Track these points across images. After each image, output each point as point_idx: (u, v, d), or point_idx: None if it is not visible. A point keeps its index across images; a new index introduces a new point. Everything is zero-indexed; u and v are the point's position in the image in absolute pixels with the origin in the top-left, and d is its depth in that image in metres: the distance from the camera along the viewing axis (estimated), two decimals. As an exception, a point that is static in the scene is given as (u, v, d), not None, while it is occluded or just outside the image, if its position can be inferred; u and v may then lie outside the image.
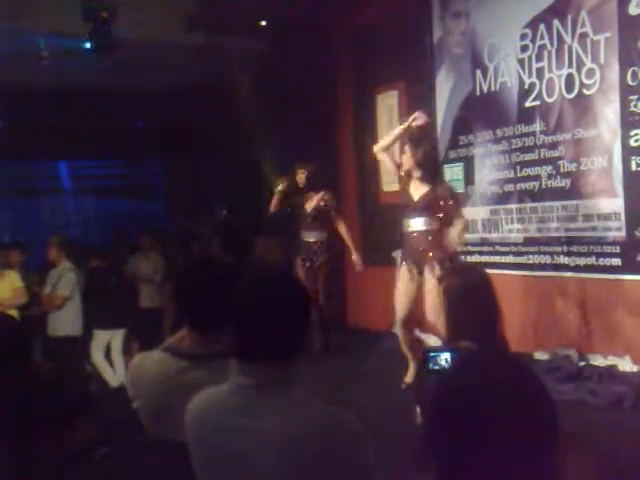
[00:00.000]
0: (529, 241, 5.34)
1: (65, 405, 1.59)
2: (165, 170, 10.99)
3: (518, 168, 5.40)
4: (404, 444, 1.88)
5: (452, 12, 5.97)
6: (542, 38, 5.12)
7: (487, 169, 5.68)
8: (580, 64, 4.87)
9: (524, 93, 5.31)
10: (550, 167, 5.13)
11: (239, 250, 7.24)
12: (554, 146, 5.10)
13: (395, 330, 4.88)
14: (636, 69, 4.47)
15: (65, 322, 5.70)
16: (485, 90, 5.67)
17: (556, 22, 5.01)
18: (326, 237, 5.89)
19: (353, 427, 1.41)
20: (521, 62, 5.30)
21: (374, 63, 6.78)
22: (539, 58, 5.16)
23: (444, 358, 1.81)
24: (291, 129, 7.08)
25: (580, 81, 4.88)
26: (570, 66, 4.94)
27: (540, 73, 5.17)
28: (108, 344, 5.83)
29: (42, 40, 6.36)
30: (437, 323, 4.30)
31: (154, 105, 8.46)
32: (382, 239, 6.23)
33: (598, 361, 4.65)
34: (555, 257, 5.14)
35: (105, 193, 10.75)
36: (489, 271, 2.83)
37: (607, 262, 4.75)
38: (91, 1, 5.87)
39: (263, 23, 7.08)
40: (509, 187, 5.49)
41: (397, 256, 4.98)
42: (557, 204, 5.10)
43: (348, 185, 7.33)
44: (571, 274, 5.02)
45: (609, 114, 4.69)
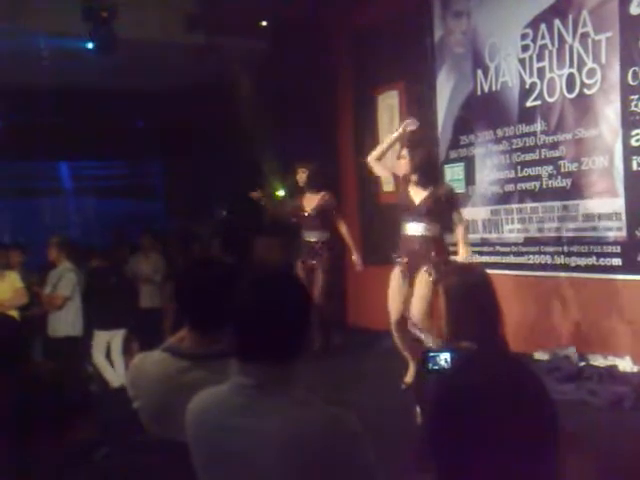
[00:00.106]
0: (529, 241, 5.34)
1: (65, 405, 1.58)
2: (165, 170, 11.00)
3: (519, 168, 5.39)
4: (404, 444, 1.88)
5: (453, 12, 5.97)
6: (543, 38, 5.12)
7: (488, 169, 5.68)
8: (581, 64, 4.86)
9: (525, 93, 5.30)
10: (551, 167, 5.13)
11: (239, 250, 7.24)
12: (555, 146, 5.10)
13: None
14: (637, 69, 4.47)
15: (65, 322, 5.70)
16: (486, 90, 5.67)
17: (557, 22, 5.01)
18: (328, 237, 5.89)
19: (353, 427, 1.41)
20: (522, 62, 5.30)
21: (374, 63, 6.78)
22: (540, 58, 5.16)
23: (444, 358, 1.81)
24: (291, 129, 7.07)
25: (581, 81, 4.87)
26: (571, 66, 4.94)
27: (541, 73, 5.17)
28: (108, 344, 5.83)
29: (42, 40, 6.36)
30: (423, 325, 4.35)
31: (154, 105, 8.46)
32: (382, 239, 6.22)
33: (598, 361, 4.64)
34: (556, 257, 5.14)
35: (105, 193, 10.75)
36: (489, 271, 2.83)
37: (608, 262, 4.75)
38: (91, 1, 5.87)
39: (263, 23, 7.08)
40: (510, 187, 5.48)
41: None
42: (558, 204, 5.10)
43: (348, 185, 7.32)
44: (572, 274, 5.02)
45: (610, 114, 4.69)
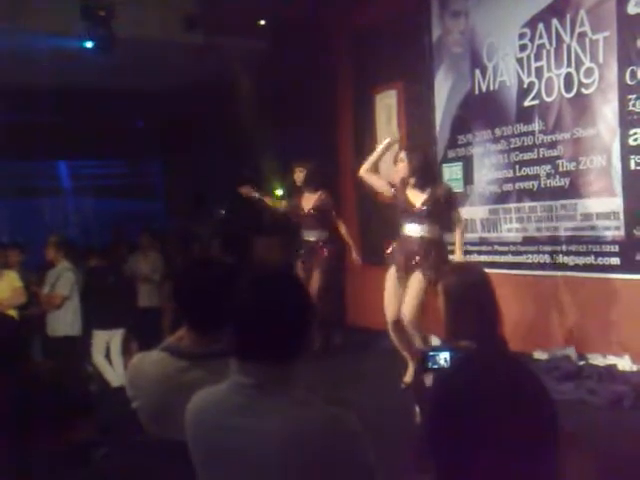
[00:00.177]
0: (528, 240, 5.34)
1: (65, 405, 1.59)
2: (164, 169, 10.99)
3: (517, 167, 5.39)
4: (404, 444, 1.88)
5: (451, 11, 5.97)
6: (541, 37, 5.12)
7: (486, 168, 5.68)
8: (579, 63, 4.87)
9: (523, 92, 5.31)
10: (549, 166, 5.13)
11: (239, 250, 7.23)
12: (553, 145, 5.10)
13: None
14: (635, 68, 4.47)
15: (64, 322, 5.70)
16: (484, 89, 5.67)
17: (555, 21, 5.01)
18: (327, 236, 5.88)
19: (353, 427, 1.41)
20: (520, 61, 5.30)
21: (373, 63, 6.78)
22: (538, 57, 5.16)
23: (443, 357, 1.82)
24: (290, 128, 7.07)
25: (579, 80, 4.88)
26: (569, 65, 4.94)
27: (539, 72, 5.17)
28: (108, 344, 5.83)
29: (42, 40, 6.35)
30: (412, 325, 4.36)
31: (153, 104, 8.46)
32: (381, 238, 6.22)
33: (597, 360, 4.64)
34: (554, 256, 5.14)
35: (104, 192, 10.75)
36: (488, 270, 2.83)
37: (606, 261, 4.75)
38: (89, 0, 5.87)
39: (262, 23, 7.08)
40: (508, 186, 5.49)
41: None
42: (556, 203, 5.10)
43: (347, 184, 7.32)
44: (570, 273, 5.02)
45: (608, 113, 4.69)
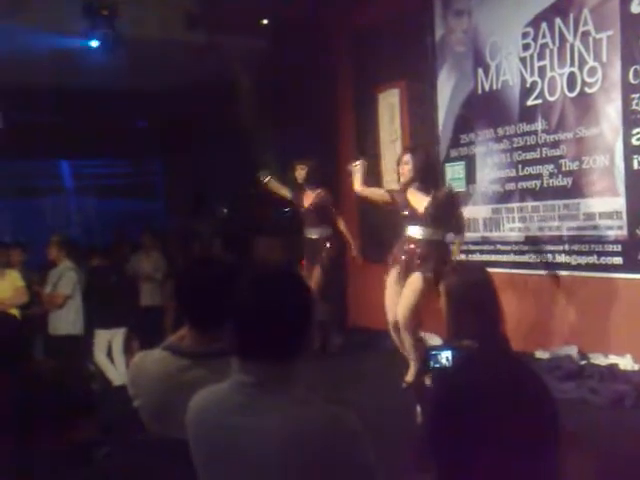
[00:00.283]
0: (530, 240, 5.33)
1: (67, 404, 1.58)
2: (166, 168, 11.00)
3: (520, 167, 5.39)
4: (404, 443, 1.88)
5: (454, 10, 5.96)
6: (544, 36, 5.11)
7: (488, 168, 5.67)
8: (582, 62, 4.85)
9: (526, 92, 5.29)
10: (552, 166, 5.12)
11: (240, 249, 7.24)
12: (556, 145, 5.09)
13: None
14: (638, 67, 4.46)
15: (66, 321, 5.71)
16: (487, 89, 5.66)
17: (558, 20, 5.00)
18: (329, 234, 5.86)
19: (353, 426, 1.41)
20: (523, 60, 5.29)
21: (375, 62, 6.76)
22: (541, 56, 5.15)
23: (445, 356, 1.82)
24: (291, 128, 7.07)
25: (582, 80, 4.86)
26: (572, 64, 4.93)
27: (542, 71, 5.16)
28: (109, 343, 5.83)
29: (43, 39, 6.35)
30: (405, 323, 4.38)
31: (154, 104, 8.46)
32: (382, 237, 6.22)
33: (599, 360, 4.64)
34: (556, 256, 5.13)
35: (106, 192, 10.76)
36: (490, 270, 2.83)
37: (608, 261, 4.74)
38: (92, -1, 5.87)
39: (264, 22, 7.07)
40: (510, 186, 5.48)
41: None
42: (559, 203, 5.09)
43: (348, 184, 7.30)
44: (572, 273, 5.02)
45: (611, 113, 4.68)
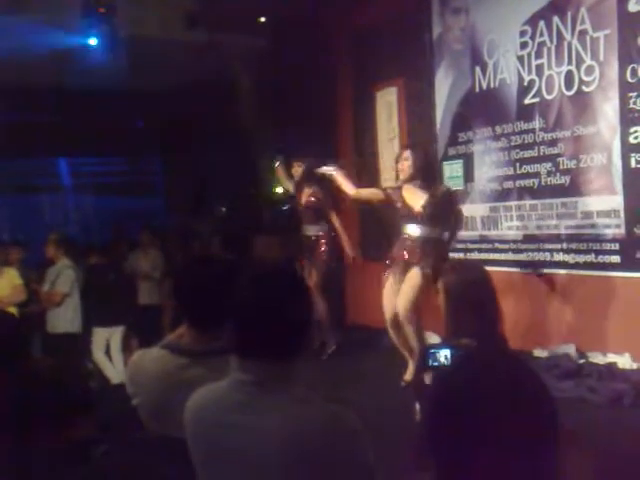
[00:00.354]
0: (528, 238, 5.34)
1: (65, 402, 1.58)
2: (164, 167, 10.99)
3: (517, 165, 5.39)
4: (404, 442, 1.88)
5: (452, 8, 5.96)
6: (542, 35, 5.11)
7: (486, 166, 5.68)
8: (579, 61, 4.86)
9: (523, 90, 5.30)
10: (549, 164, 5.13)
11: (239, 247, 7.23)
12: (553, 143, 5.09)
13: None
14: (635, 66, 4.46)
15: (64, 319, 5.70)
16: (484, 87, 5.66)
17: (556, 19, 5.00)
18: (327, 229, 5.83)
19: (353, 425, 1.41)
20: (520, 59, 5.29)
21: (373, 60, 6.76)
22: (538, 55, 5.15)
23: (443, 355, 1.82)
24: (290, 127, 7.06)
25: (579, 78, 4.87)
26: (569, 63, 4.93)
27: (539, 70, 5.16)
28: (108, 341, 5.83)
29: (43, 37, 6.34)
30: (405, 318, 4.38)
31: (154, 103, 8.45)
32: (381, 236, 6.23)
33: (597, 358, 4.64)
34: (554, 254, 5.14)
35: (105, 190, 10.75)
36: (488, 268, 2.83)
37: (606, 259, 4.75)
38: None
39: (261, 19, 7.06)
40: (508, 184, 5.48)
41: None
42: (556, 201, 5.09)
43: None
44: (570, 271, 5.02)
45: (608, 111, 4.68)
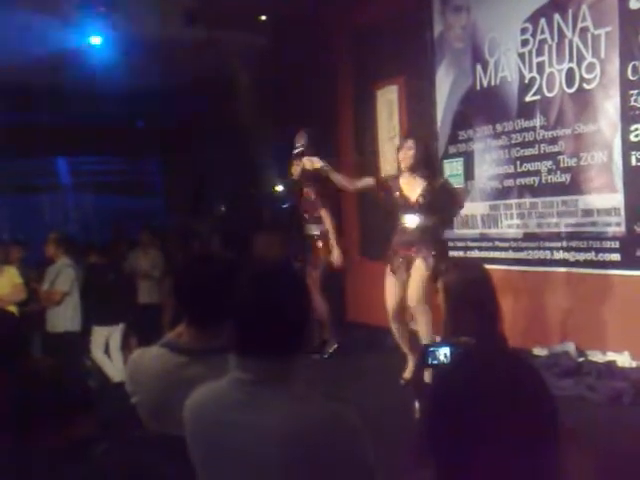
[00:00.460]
0: (529, 236, 5.33)
1: (65, 401, 1.58)
2: (164, 166, 11.00)
3: (518, 163, 5.38)
4: (403, 440, 1.88)
5: (453, 6, 5.95)
6: (543, 32, 5.11)
7: (487, 164, 5.67)
8: (580, 58, 4.85)
9: (524, 88, 5.29)
10: (550, 162, 5.12)
11: (239, 246, 7.23)
12: (554, 141, 5.09)
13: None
14: (637, 63, 4.46)
15: (64, 318, 5.70)
16: (485, 85, 5.65)
17: (557, 16, 4.99)
18: (323, 229, 5.81)
19: (353, 422, 1.41)
20: (521, 56, 5.29)
21: (374, 58, 6.75)
22: (539, 52, 5.14)
23: (443, 353, 1.82)
24: (291, 125, 7.05)
25: (580, 76, 4.86)
26: (570, 60, 4.92)
27: (540, 67, 5.15)
28: (107, 340, 5.83)
29: (43, 36, 6.34)
30: (419, 310, 4.38)
31: (154, 101, 8.45)
32: (381, 234, 6.23)
33: (597, 357, 4.64)
34: (555, 252, 5.13)
35: (104, 189, 10.75)
36: (488, 267, 2.83)
37: (607, 257, 4.74)
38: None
39: (263, 18, 7.06)
40: (509, 182, 5.48)
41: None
42: (557, 199, 5.09)
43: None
44: (570, 269, 5.02)
45: (609, 109, 4.68)
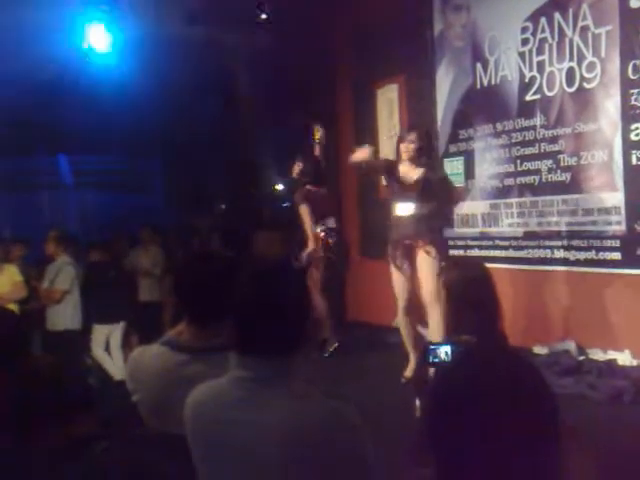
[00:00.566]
0: (529, 235, 5.33)
1: (65, 400, 1.58)
2: (165, 164, 10.99)
3: (518, 162, 5.38)
4: (404, 438, 1.88)
5: (453, 5, 5.95)
6: (543, 31, 5.10)
7: (487, 163, 5.67)
8: (581, 57, 4.85)
9: (525, 87, 5.29)
10: (550, 161, 5.12)
11: (239, 244, 7.23)
12: (554, 140, 5.09)
13: (397, 322, 4.86)
14: (637, 62, 4.45)
15: (64, 316, 5.69)
16: (485, 84, 5.65)
17: (557, 15, 4.99)
18: (333, 224, 5.76)
19: (353, 420, 1.41)
20: (522, 55, 5.29)
21: (374, 57, 6.75)
22: (540, 51, 5.14)
23: (444, 351, 1.82)
24: (291, 124, 7.05)
25: (581, 75, 4.86)
26: (571, 59, 4.92)
27: (541, 66, 5.15)
28: (108, 338, 5.83)
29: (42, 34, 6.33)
30: (432, 305, 4.34)
31: (154, 100, 8.43)
32: (381, 233, 6.23)
33: (597, 355, 4.65)
34: (555, 251, 5.13)
35: (105, 187, 10.74)
36: (489, 265, 2.83)
37: (607, 256, 4.74)
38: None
39: (262, 17, 7.05)
40: (509, 181, 5.48)
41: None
42: (557, 198, 5.09)
43: (348, 179, 7.32)
44: (571, 268, 5.02)
45: (610, 108, 4.67)
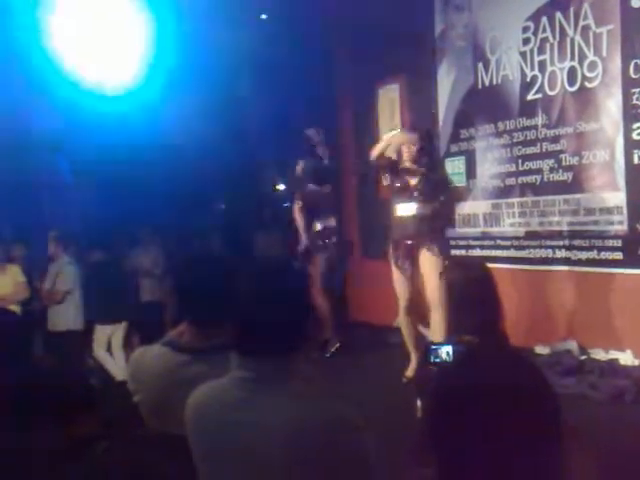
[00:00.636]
0: (531, 235, 5.33)
1: (66, 400, 1.58)
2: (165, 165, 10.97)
3: (520, 162, 5.38)
4: (405, 438, 1.88)
5: (454, 5, 5.94)
6: (544, 31, 5.10)
7: (489, 163, 5.67)
8: (582, 57, 4.84)
9: (526, 86, 5.29)
10: (552, 161, 5.12)
11: (239, 244, 7.23)
12: (556, 139, 5.08)
13: (398, 322, 4.86)
14: (639, 62, 4.45)
15: (65, 316, 5.69)
16: (487, 83, 5.65)
17: (558, 15, 4.98)
18: (333, 223, 5.76)
19: (354, 421, 1.41)
20: (523, 55, 5.28)
21: (375, 57, 6.74)
22: (541, 51, 5.14)
23: (445, 351, 1.82)
24: (290, 124, 7.04)
25: (582, 74, 4.86)
26: (572, 59, 4.92)
27: (542, 66, 5.15)
28: (109, 338, 5.83)
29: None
30: (438, 304, 4.31)
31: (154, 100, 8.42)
32: (381, 233, 6.22)
33: (599, 355, 4.65)
34: (557, 251, 5.13)
35: (106, 187, 10.73)
36: (490, 265, 2.83)
37: (609, 256, 4.74)
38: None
39: (262, 16, 7.05)
40: (511, 181, 5.47)
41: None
42: (559, 198, 5.09)
43: (348, 179, 7.31)
44: (573, 268, 5.02)
45: (611, 107, 4.67)
